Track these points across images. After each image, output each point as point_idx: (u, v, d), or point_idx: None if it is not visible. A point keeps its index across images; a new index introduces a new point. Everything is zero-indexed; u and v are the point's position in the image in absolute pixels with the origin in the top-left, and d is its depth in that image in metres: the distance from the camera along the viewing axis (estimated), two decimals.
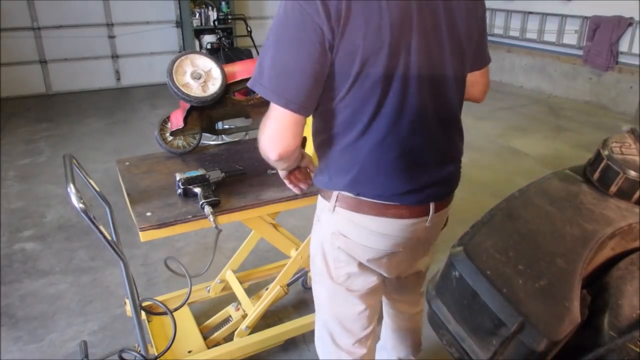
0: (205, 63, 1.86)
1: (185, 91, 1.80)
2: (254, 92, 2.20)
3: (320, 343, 1.61)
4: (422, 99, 1.20)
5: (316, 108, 1.23)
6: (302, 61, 1.11)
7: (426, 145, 1.27)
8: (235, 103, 2.08)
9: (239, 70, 1.93)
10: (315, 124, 1.32)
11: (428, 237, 1.45)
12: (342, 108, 1.20)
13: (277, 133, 1.20)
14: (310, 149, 1.74)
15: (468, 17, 1.24)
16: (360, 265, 1.39)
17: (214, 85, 1.85)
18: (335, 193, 1.32)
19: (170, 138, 2.02)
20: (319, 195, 1.41)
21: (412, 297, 1.77)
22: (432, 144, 1.28)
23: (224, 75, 1.87)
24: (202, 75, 1.84)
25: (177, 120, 1.96)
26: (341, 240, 1.36)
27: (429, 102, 1.22)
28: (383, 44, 1.11)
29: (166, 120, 2.02)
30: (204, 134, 2.07)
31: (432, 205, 1.34)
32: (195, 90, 1.82)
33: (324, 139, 1.29)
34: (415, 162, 1.27)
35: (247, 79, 1.92)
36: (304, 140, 1.77)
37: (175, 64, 1.82)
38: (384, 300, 1.83)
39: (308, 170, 1.60)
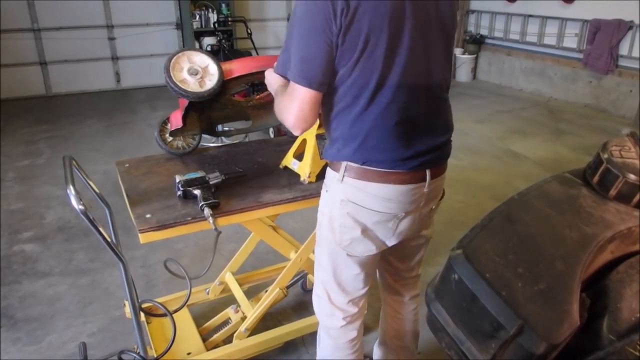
0: (203, 59, 1.87)
1: (183, 87, 1.80)
2: (253, 94, 2.22)
3: (317, 300, 1.73)
4: (416, 76, 1.40)
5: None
6: (321, 49, 1.33)
7: (420, 116, 1.45)
8: (235, 104, 2.08)
9: (236, 67, 1.93)
10: (325, 102, 1.47)
11: (427, 203, 1.58)
12: (349, 85, 1.38)
13: (302, 113, 1.39)
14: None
15: (451, 9, 1.48)
16: (364, 231, 1.52)
17: (211, 81, 1.85)
18: (343, 164, 1.47)
19: (170, 139, 2.02)
20: (328, 168, 1.56)
21: (411, 264, 1.84)
22: (425, 115, 1.47)
23: (221, 72, 1.87)
24: (199, 72, 1.84)
25: (176, 120, 1.97)
26: (350, 206, 1.49)
27: (422, 78, 1.43)
28: (383, 28, 1.31)
29: (166, 121, 2.02)
30: (203, 135, 2.07)
31: (428, 172, 1.50)
32: (192, 85, 1.82)
33: (333, 115, 1.46)
34: (411, 131, 1.44)
35: (244, 76, 1.92)
36: None
37: (173, 60, 1.82)
38: (385, 284, 1.91)
39: None
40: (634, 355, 1.01)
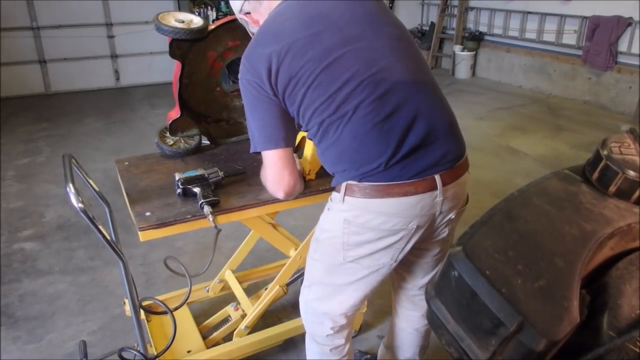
0: (186, 16, 1.91)
1: (172, 25, 1.82)
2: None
3: (305, 307, 1.73)
4: (370, 72, 1.33)
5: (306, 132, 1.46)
6: (270, 111, 1.40)
7: (396, 107, 1.34)
8: (231, 110, 2.13)
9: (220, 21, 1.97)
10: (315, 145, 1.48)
11: (443, 213, 1.48)
12: (315, 118, 1.38)
13: (277, 175, 1.45)
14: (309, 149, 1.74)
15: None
16: (369, 251, 1.47)
17: (197, 24, 1.87)
18: (344, 184, 1.43)
19: (171, 142, 2.01)
20: (333, 192, 1.52)
21: (429, 278, 1.75)
22: (404, 106, 1.35)
23: (206, 23, 1.91)
24: (185, 21, 1.88)
25: (174, 112, 1.97)
26: (353, 225, 1.44)
27: (379, 72, 1.33)
28: (317, 64, 1.32)
29: (164, 129, 2.02)
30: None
31: (437, 178, 1.39)
32: (181, 25, 1.85)
33: (320, 149, 1.47)
34: (394, 125, 1.34)
35: (227, 23, 1.91)
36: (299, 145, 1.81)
37: (159, 15, 1.85)
38: (398, 297, 1.88)
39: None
40: (634, 352, 1.01)
